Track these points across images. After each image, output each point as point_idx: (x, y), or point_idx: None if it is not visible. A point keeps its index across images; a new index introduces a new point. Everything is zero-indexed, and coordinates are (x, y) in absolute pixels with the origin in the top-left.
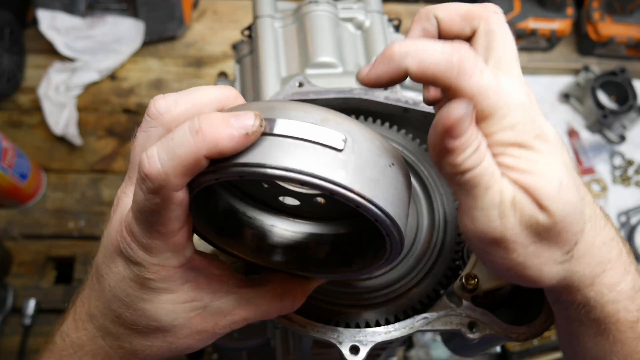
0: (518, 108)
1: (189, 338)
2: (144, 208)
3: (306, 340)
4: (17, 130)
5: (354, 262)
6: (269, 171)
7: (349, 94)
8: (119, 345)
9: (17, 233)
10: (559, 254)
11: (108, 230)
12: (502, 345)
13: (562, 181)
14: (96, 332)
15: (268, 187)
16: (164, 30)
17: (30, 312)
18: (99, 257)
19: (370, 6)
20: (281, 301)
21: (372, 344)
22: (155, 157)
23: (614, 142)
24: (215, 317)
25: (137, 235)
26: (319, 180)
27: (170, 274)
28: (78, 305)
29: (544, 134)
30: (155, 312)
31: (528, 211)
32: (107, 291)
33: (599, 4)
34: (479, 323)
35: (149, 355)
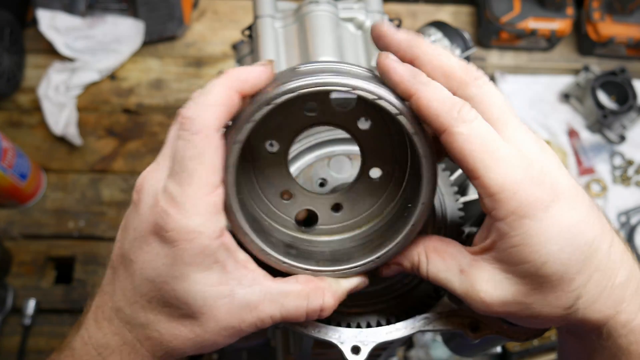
0: (513, 176)
1: (215, 334)
2: (183, 156)
3: (307, 341)
4: (17, 130)
5: (384, 243)
6: (298, 84)
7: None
8: (147, 336)
9: (17, 233)
10: (560, 311)
11: (138, 212)
12: (502, 345)
13: (550, 257)
14: (123, 326)
15: (287, 198)
16: (164, 30)
17: (30, 312)
18: (125, 245)
19: (370, 6)
20: (308, 302)
21: (373, 344)
22: (192, 103)
23: (614, 142)
24: (241, 311)
25: (174, 195)
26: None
27: (204, 244)
28: (98, 305)
29: (556, 189)
30: (185, 292)
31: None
32: (137, 275)
33: (599, 4)
34: (480, 323)
35: (175, 347)
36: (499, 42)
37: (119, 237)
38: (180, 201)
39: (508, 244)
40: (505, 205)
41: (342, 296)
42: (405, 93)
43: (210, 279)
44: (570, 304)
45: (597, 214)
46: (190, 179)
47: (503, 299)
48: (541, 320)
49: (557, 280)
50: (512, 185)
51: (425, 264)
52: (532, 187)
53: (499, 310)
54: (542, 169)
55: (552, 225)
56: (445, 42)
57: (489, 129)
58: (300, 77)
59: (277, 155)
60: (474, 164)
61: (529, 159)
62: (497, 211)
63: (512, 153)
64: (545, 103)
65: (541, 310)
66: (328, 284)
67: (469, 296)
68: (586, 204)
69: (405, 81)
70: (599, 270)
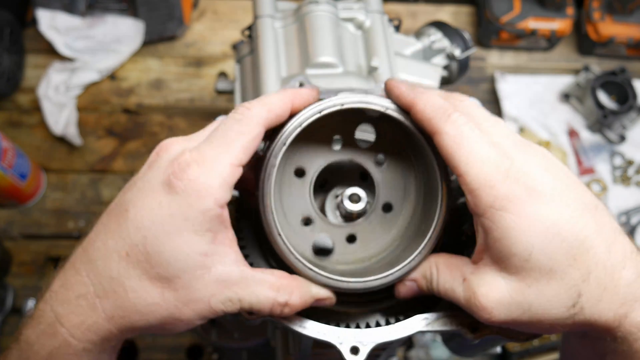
0: (491, 168)
1: (183, 304)
2: (228, 129)
3: (306, 341)
4: (16, 130)
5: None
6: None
7: None
8: (111, 290)
9: (17, 233)
10: (563, 310)
11: (152, 167)
12: (502, 346)
13: (535, 248)
14: (88, 277)
15: (307, 224)
16: (164, 30)
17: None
18: (124, 197)
19: (370, 6)
20: (276, 294)
21: (373, 345)
22: (252, 100)
23: (614, 142)
24: (215, 286)
25: (204, 152)
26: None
27: (209, 206)
28: (70, 262)
29: (535, 188)
30: (171, 250)
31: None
32: (128, 223)
33: (599, 3)
34: (480, 324)
35: (137, 312)
36: (499, 42)
37: (117, 198)
38: (207, 159)
39: (492, 239)
40: (484, 199)
41: (308, 300)
42: (407, 103)
43: (198, 246)
44: (572, 302)
45: (594, 213)
46: (226, 145)
47: (501, 299)
48: (548, 324)
49: (548, 273)
50: (489, 181)
51: (436, 278)
52: (508, 183)
53: (501, 316)
54: (521, 169)
55: (533, 219)
56: (445, 42)
57: (475, 131)
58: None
59: (303, 182)
60: (458, 161)
61: (510, 159)
62: (477, 207)
63: (493, 154)
64: (545, 103)
65: (544, 312)
66: (299, 284)
67: (471, 302)
68: (577, 203)
69: (405, 93)
70: (597, 268)
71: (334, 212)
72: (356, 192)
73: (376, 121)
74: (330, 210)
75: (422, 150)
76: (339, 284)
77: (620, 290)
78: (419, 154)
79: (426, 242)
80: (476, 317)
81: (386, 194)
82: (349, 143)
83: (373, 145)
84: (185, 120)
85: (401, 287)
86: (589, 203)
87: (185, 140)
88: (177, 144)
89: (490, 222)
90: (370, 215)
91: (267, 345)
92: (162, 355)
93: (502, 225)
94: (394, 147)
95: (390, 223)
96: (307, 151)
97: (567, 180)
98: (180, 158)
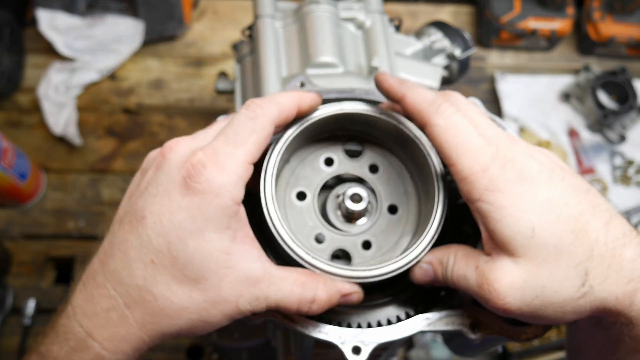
0: (480, 153)
1: (211, 305)
2: (242, 126)
3: (308, 341)
4: (16, 130)
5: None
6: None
7: (350, 94)
8: (140, 298)
9: (17, 233)
10: (574, 291)
11: (163, 170)
12: (502, 345)
13: (536, 225)
14: (114, 288)
15: (320, 242)
16: (164, 30)
17: (30, 312)
18: (136, 204)
19: (370, 6)
20: (302, 290)
21: (374, 345)
22: (262, 99)
23: (614, 142)
24: (241, 285)
25: (218, 151)
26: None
27: (227, 203)
28: (89, 275)
29: (522, 173)
30: (195, 249)
31: (506, 281)
32: (148, 230)
33: (599, 3)
34: (481, 323)
35: (168, 317)
36: (499, 42)
37: (124, 202)
38: (222, 157)
39: (493, 221)
40: (477, 184)
41: (334, 295)
42: (396, 96)
43: (220, 244)
44: (581, 281)
45: (585, 194)
46: (240, 143)
47: (513, 282)
48: (560, 307)
49: (555, 251)
50: (481, 167)
51: (451, 265)
52: (499, 168)
53: (515, 301)
54: (507, 156)
55: (528, 198)
56: (445, 42)
57: (464, 122)
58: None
59: (307, 204)
60: (449, 151)
61: (497, 147)
62: (471, 193)
63: (482, 143)
64: (545, 103)
65: (555, 293)
66: (324, 279)
67: (483, 289)
68: (567, 185)
69: (395, 86)
70: (598, 245)
71: (335, 212)
72: (357, 192)
73: (365, 128)
74: (331, 210)
75: (414, 149)
76: (341, 272)
77: (624, 267)
78: (411, 153)
79: (431, 223)
80: (490, 306)
81: (388, 197)
82: (340, 158)
83: (364, 154)
84: (185, 120)
85: (417, 270)
86: (579, 186)
87: (191, 140)
88: (184, 144)
89: (487, 205)
90: (378, 219)
91: (267, 345)
92: (162, 355)
93: (499, 205)
94: (384, 151)
95: (399, 223)
96: (303, 174)
97: (552, 166)
98: (193, 158)
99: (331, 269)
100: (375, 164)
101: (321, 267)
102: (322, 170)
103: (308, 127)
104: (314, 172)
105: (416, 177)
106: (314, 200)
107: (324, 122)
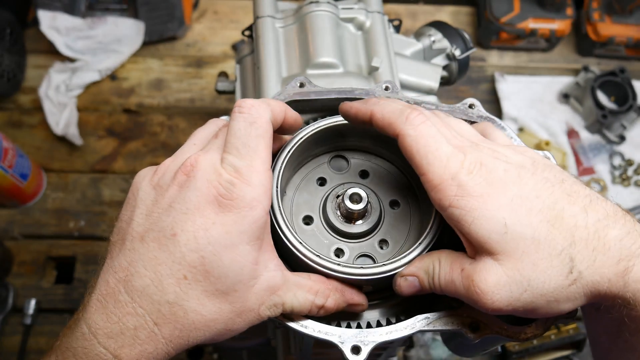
0: (442, 156)
1: (238, 315)
2: (248, 135)
3: (307, 341)
4: (17, 130)
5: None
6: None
7: (350, 94)
8: (170, 313)
9: (18, 233)
10: (562, 279)
11: (190, 188)
12: (502, 345)
13: (507, 221)
14: (141, 307)
15: (341, 255)
16: (164, 30)
17: (31, 311)
18: (165, 220)
19: (370, 7)
20: (315, 298)
21: (374, 344)
22: (255, 102)
23: (614, 142)
24: (263, 293)
25: (238, 167)
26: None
27: (260, 215)
28: (107, 293)
29: (489, 175)
30: (229, 262)
31: (491, 278)
32: (180, 248)
33: (598, 4)
34: (480, 323)
35: (196, 329)
36: (499, 42)
37: (139, 219)
38: (245, 173)
39: (466, 224)
40: (448, 191)
41: (341, 305)
42: (365, 116)
43: (251, 255)
44: (568, 268)
45: (560, 184)
46: (255, 153)
47: (498, 280)
48: (552, 297)
49: (533, 242)
50: (450, 175)
51: (437, 273)
52: (466, 175)
53: (503, 299)
54: (474, 161)
55: (496, 197)
56: (445, 42)
57: (433, 130)
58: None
59: (317, 226)
60: (420, 161)
61: (464, 154)
62: (442, 200)
63: (450, 150)
64: (544, 103)
65: (543, 285)
66: (335, 288)
67: (470, 290)
68: (537, 179)
69: (361, 109)
70: (578, 230)
71: (335, 212)
72: (357, 192)
73: (342, 139)
74: (331, 209)
75: (395, 142)
76: (335, 268)
77: (611, 247)
78: (394, 147)
79: (427, 231)
80: (480, 306)
81: (387, 195)
82: (330, 176)
83: (350, 164)
84: (186, 120)
85: (402, 282)
86: (552, 177)
87: (206, 153)
88: (205, 159)
89: (458, 210)
90: (385, 217)
91: (268, 345)
92: None
93: (470, 208)
94: (368, 155)
95: (405, 214)
96: (302, 200)
97: (522, 162)
98: (221, 179)
99: (328, 264)
100: (364, 169)
101: (323, 264)
102: (318, 191)
103: (294, 153)
104: (311, 195)
105: (404, 169)
106: (321, 219)
107: (306, 146)
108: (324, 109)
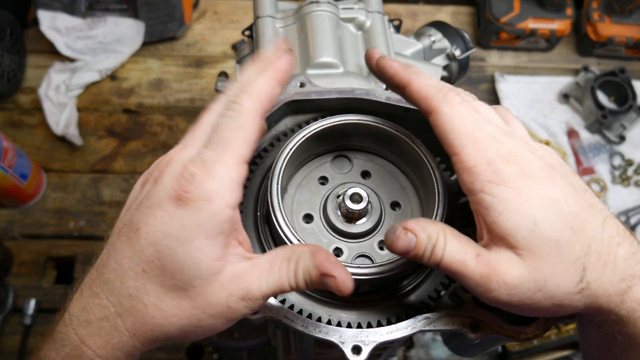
0: (487, 145)
1: (201, 311)
2: (224, 128)
3: (308, 340)
4: (17, 130)
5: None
6: None
7: (350, 95)
8: (131, 307)
9: (18, 233)
10: (572, 286)
11: (157, 184)
12: (502, 345)
13: (538, 219)
14: (107, 298)
15: (340, 255)
16: (164, 30)
17: (31, 311)
18: (132, 216)
19: (371, 6)
20: (295, 266)
21: (374, 344)
22: (239, 90)
23: (614, 142)
24: (229, 283)
25: (206, 159)
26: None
27: (219, 208)
28: (85, 284)
29: (524, 169)
30: (184, 258)
31: (512, 273)
32: (140, 241)
33: (598, 4)
34: (481, 323)
35: (159, 324)
36: (499, 42)
37: (122, 215)
38: (210, 164)
39: (495, 213)
40: (482, 176)
41: (313, 271)
42: (401, 82)
43: (210, 251)
44: (580, 276)
45: (583, 193)
46: (225, 146)
47: (521, 275)
48: (559, 301)
49: (556, 246)
50: (486, 160)
51: (442, 244)
52: (503, 163)
53: (519, 294)
54: (511, 151)
55: (530, 193)
56: (445, 42)
57: (471, 112)
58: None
59: (317, 224)
60: (453, 141)
61: (500, 142)
62: (474, 184)
63: (487, 136)
64: (544, 103)
65: (556, 287)
66: (304, 249)
67: (491, 279)
68: (566, 183)
69: (400, 72)
70: (595, 242)
71: (335, 212)
72: (357, 192)
73: (345, 139)
74: (331, 209)
75: (399, 144)
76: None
77: (618, 265)
78: (396, 148)
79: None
80: (490, 297)
81: (388, 196)
82: (332, 175)
83: (353, 164)
84: (186, 120)
85: (402, 234)
86: (577, 185)
87: (182, 150)
88: (177, 158)
89: (490, 197)
90: (385, 218)
91: (268, 345)
92: (163, 355)
93: (503, 198)
94: (371, 156)
95: (405, 216)
96: (303, 199)
97: (553, 163)
98: (184, 172)
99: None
100: (366, 169)
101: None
102: (320, 190)
103: (295, 152)
104: (313, 193)
105: (407, 169)
106: (321, 218)
107: (308, 144)
108: (324, 109)
